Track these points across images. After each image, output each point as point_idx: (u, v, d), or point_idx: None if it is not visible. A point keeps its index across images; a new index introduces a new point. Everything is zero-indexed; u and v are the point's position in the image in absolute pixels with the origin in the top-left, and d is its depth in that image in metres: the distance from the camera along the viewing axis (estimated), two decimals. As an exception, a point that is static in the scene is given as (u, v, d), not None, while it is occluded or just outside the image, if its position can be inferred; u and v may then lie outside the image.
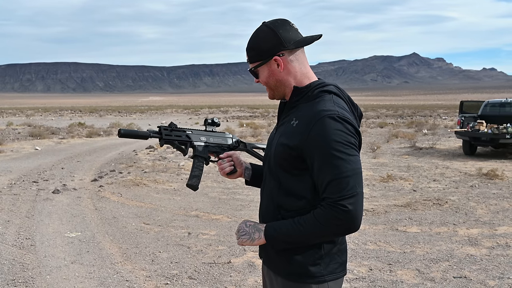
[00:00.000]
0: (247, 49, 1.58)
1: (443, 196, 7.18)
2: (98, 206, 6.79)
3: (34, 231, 5.49)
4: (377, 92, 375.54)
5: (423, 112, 48.72)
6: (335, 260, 1.53)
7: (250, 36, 1.59)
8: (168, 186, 8.25)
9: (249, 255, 4.61)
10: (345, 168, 1.39)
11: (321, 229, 1.41)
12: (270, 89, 1.60)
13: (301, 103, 1.53)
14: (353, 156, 1.41)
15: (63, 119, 37.14)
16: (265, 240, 1.51)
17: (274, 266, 1.59)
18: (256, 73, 1.59)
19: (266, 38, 1.53)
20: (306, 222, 1.43)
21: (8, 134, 19.88)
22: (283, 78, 1.56)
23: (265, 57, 1.54)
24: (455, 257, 4.48)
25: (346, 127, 1.42)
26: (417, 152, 13.03)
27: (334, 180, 1.39)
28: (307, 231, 1.43)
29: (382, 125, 25.60)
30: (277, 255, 1.55)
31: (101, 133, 20.51)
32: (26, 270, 4.25)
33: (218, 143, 1.78)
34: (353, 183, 1.38)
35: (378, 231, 5.40)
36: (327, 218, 1.39)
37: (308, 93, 1.52)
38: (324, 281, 1.51)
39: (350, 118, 1.46)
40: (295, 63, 1.55)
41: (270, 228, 1.50)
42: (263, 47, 1.53)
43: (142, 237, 5.27)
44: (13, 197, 7.33)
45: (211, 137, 1.76)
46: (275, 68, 1.55)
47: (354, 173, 1.40)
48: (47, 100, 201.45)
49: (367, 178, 8.86)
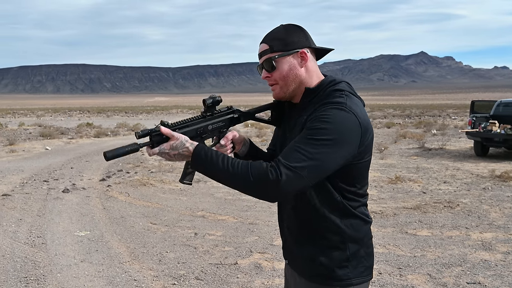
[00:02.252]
0: (269, 39, 1.52)
1: (454, 199, 7.08)
2: (106, 205, 6.82)
3: (45, 229, 5.53)
4: (383, 91, 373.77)
5: (432, 112, 48.40)
6: (362, 263, 1.51)
7: (270, 31, 1.55)
8: (174, 186, 8.27)
9: (256, 257, 4.59)
10: (309, 150, 1.33)
11: (245, 178, 1.33)
12: (283, 86, 1.53)
13: (313, 103, 1.50)
14: (327, 148, 1.34)
15: (72, 120, 37.41)
16: (191, 155, 1.43)
17: (299, 268, 1.57)
18: (274, 64, 1.51)
19: (294, 32, 1.52)
20: (237, 166, 1.35)
21: (20, 134, 20.10)
22: (302, 74, 1.52)
23: (292, 49, 1.50)
24: (468, 262, 4.39)
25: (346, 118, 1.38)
26: (426, 153, 12.91)
27: (291, 148, 1.35)
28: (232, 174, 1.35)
29: (390, 125, 25.44)
30: (302, 257, 1.53)
31: (109, 133, 20.65)
32: (38, 268, 4.28)
33: (218, 127, 1.63)
34: (303, 164, 1.32)
35: (387, 234, 5.35)
36: (260, 171, 1.32)
37: (320, 93, 1.50)
38: (350, 284, 1.48)
39: (358, 112, 1.41)
40: (313, 63, 1.55)
41: (202, 149, 1.42)
42: (290, 38, 1.50)
43: (149, 236, 5.28)
44: (25, 196, 7.40)
45: (210, 124, 1.60)
46: (298, 62, 1.51)
47: (312, 160, 1.32)
48: (57, 101, 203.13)
49: (374, 180, 8.80)
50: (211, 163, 1.38)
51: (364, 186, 1.53)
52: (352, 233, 1.49)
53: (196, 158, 1.42)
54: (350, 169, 1.44)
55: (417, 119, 32.87)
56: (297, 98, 1.56)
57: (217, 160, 1.38)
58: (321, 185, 1.45)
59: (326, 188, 1.46)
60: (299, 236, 1.55)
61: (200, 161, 1.41)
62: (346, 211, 1.48)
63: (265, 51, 1.52)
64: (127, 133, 21.92)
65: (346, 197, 1.48)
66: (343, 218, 1.48)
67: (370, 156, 1.50)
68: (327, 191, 1.46)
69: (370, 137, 1.45)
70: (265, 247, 4.87)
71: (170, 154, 1.44)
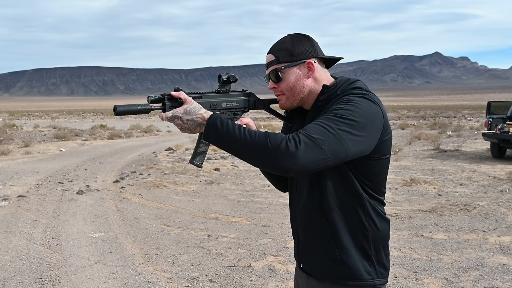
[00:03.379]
0: (276, 49, 1.51)
1: (471, 201, 6.96)
2: (120, 207, 6.85)
3: (60, 230, 5.58)
4: (397, 92, 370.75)
5: (447, 113, 47.84)
6: (383, 264, 1.50)
7: (277, 41, 1.54)
8: (187, 188, 8.28)
9: (270, 259, 4.56)
10: (332, 125, 1.29)
11: (263, 146, 1.26)
12: (290, 97, 1.51)
13: (331, 101, 1.47)
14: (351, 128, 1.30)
15: (86, 122, 37.83)
16: (205, 122, 1.36)
17: (318, 270, 1.52)
18: (280, 75, 1.50)
19: (301, 42, 1.50)
20: (255, 135, 1.29)
21: (35, 136, 20.39)
22: (309, 85, 1.50)
23: (298, 59, 1.49)
24: (486, 266, 4.30)
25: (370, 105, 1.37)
26: (442, 155, 12.74)
27: (313, 124, 1.32)
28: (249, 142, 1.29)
29: (404, 127, 25.20)
30: (323, 258, 1.49)
31: (122, 135, 20.81)
32: (53, 269, 4.31)
33: (232, 107, 1.55)
34: (325, 137, 1.27)
35: (402, 237, 5.28)
36: (277, 139, 1.26)
37: (337, 91, 1.47)
38: (374, 285, 1.47)
39: (380, 104, 1.41)
40: (321, 72, 1.53)
41: (218, 117, 1.36)
42: (297, 49, 1.49)
43: (162, 238, 5.28)
44: (40, 197, 7.47)
45: (224, 102, 1.53)
46: (305, 73, 1.50)
47: (334, 136, 1.28)
48: (71, 103, 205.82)
49: (389, 182, 8.71)
50: (227, 131, 1.31)
51: (384, 184, 1.52)
52: (375, 231, 1.47)
53: (211, 125, 1.34)
54: (373, 164, 1.42)
55: (432, 121, 32.52)
56: (308, 105, 1.54)
57: (233, 129, 1.31)
58: (346, 179, 1.42)
59: (351, 182, 1.43)
60: (319, 236, 1.49)
61: (215, 129, 1.33)
62: (370, 207, 1.46)
63: (271, 62, 1.51)
64: (140, 135, 22.08)
65: (369, 193, 1.46)
66: (367, 215, 1.45)
67: (390, 153, 1.48)
68: (352, 186, 1.43)
69: (390, 133, 1.45)
70: (279, 250, 4.83)
71: (183, 119, 1.38)
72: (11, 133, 21.36)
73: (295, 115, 1.62)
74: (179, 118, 1.38)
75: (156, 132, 23.85)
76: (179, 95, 1.41)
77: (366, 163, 1.41)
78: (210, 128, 1.35)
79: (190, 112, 1.38)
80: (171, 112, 1.39)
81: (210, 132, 1.35)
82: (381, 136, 1.39)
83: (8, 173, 9.81)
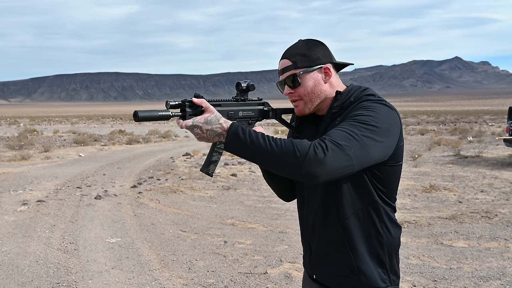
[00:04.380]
0: (292, 55, 1.50)
1: (492, 209, 6.79)
2: (137, 212, 6.90)
3: (78, 235, 5.63)
4: (417, 97, 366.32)
5: (467, 118, 47.04)
6: (396, 273, 1.50)
7: (291, 46, 1.53)
8: (204, 194, 8.29)
9: (286, 266, 4.52)
10: (356, 131, 1.30)
11: (291, 154, 1.24)
12: (308, 102, 1.51)
13: (344, 108, 1.48)
14: (373, 134, 1.31)
15: (105, 127, 38.36)
16: (225, 132, 1.32)
17: (334, 281, 1.50)
18: (298, 80, 1.48)
19: (316, 47, 1.51)
20: (280, 143, 1.26)
21: (54, 141, 20.75)
22: (326, 90, 1.51)
23: (315, 64, 1.49)
24: (507, 276, 4.18)
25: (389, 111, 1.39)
26: (462, 161, 12.50)
27: (337, 130, 1.31)
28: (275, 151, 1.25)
29: (423, 132, 24.84)
30: (340, 266, 1.47)
31: (140, 140, 21.02)
32: (70, 274, 4.35)
33: (247, 116, 1.53)
34: (350, 143, 1.27)
35: (421, 244, 5.17)
36: (305, 146, 1.24)
37: (351, 98, 1.47)
38: None
39: (397, 110, 1.44)
40: (336, 77, 1.54)
41: (239, 126, 1.32)
42: (313, 54, 1.49)
43: (179, 244, 5.29)
44: (59, 202, 7.58)
45: (241, 111, 1.51)
46: (321, 78, 1.50)
47: (359, 141, 1.28)
48: (91, 108, 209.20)
49: (408, 188, 8.57)
50: (252, 142, 1.27)
51: (396, 191, 1.52)
52: (389, 238, 1.46)
53: (233, 135, 1.30)
54: (388, 170, 1.43)
55: (452, 126, 31.99)
56: (322, 111, 1.54)
57: (256, 138, 1.28)
58: (361, 185, 1.42)
59: (366, 188, 1.42)
60: (335, 244, 1.47)
61: (238, 139, 1.29)
62: (384, 214, 1.45)
63: (287, 67, 1.49)
64: (158, 140, 22.28)
65: (383, 199, 1.45)
66: (381, 221, 1.45)
67: (402, 161, 1.49)
68: (368, 192, 1.43)
69: (402, 139, 1.46)
70: (295, 256, 4.78)
71: (203, 129, 1.33)
72: (31, 138, 21.78)
73: (302, 125, 1.60)
74: (198, 128, 1.34)
75: (174, 137, 24.04)
76: (201, 103, 1.36)
77: (382, 169, 1.41)
78: (232, 138, 1.31)
79: (211, 122, 1.34)
80: (191, 120, 1.34)
81: (232, 143, 1.31)
82: (399, 139, 1.42)
83: (28, 178, 9.99)
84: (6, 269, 4.45)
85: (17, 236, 5.57)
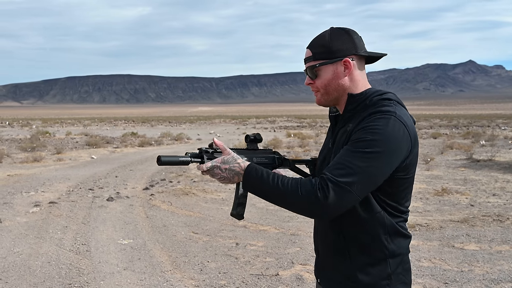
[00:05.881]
0: (313, 45, 1.49)
1: (504, 212, 6.74)
2: (149, 214, 6.96)
3: (90, 237, 5.70)
4: (430, 101, 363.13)
5: (480, 122, 46.50)
6: (400, 280, 1.46)
7: (318, 35, 1.51)
8: (216, 196, 8.33)
9: (298, 268, 4.53)
10: (357, 163, 1.30)
11: (294, 196, 1.32)
12: (324, 94, 1.50)
13: (358, 112, 1.45)
14: (376, 161, 1.31)
15: (117, 129, 38.67)
16: (242, 171, 1.42)
17: (334, 287, 1.51)
18: (316, 72, 1.48)
19: (341, 38, 1.46)
20: (287, 184, 1.34)
21: (67, 143, 20.96)
22: (345, 83, 1.47)
23: (335, 57, 1.45)
24: (519, 278, 4.17)
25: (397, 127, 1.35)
26: (475, 165, 12.38)
27: (338, 163, 1.33)
28: (282, 192, 1.34)
29: (436, 136, 24.62)
30: (339, 275, 1.48)
31: (153, 143, 21.16)
32: (82, 275, 4.41)
33: (261, 162, 1.62)
34: (352, 179, 1.29)
35: (432, 247, 5.15)
36: (308, 189, 1.31)
37: (366, 102, 1.44)
38: None
39: (407, 122, 1.38)
40: (359, 71, 1.49)
41: (253, 166, 1.42)
42: (335, 46, 1.45)
43: (191, 246, 5.33)
44: (71, 203, 7.67)
45: (254, 157, 1.60)
46: (341, 71, 1.46)
47: (361, 174, 1.30)
48: (103, 111, 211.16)
49: (420, 191, 8.52)
50: (262, 181, 1.38)
51: (406, 202, 1.48)
52: (393, 249, 1.44)
53: (248, 174, 1.41)
54: (394, 183, 1.40)
55: (465, 130, 31.67)
56: (341, 106, 1.52)
57: (267, 178, 1.37)
58: (365, 197, 1.40)
59: (368, 201, 1.41)
60: (335, 251, 1.49)
61: (251, 178, 1.40)
62: (388, 225, 1.43)
63: (308, 58, 1.50)
64: (171, 143, 22.41)
65: (388, 211, 1.43)
66: (386, 233, 1.43)
67: (414, 171, 1.46)
68: (370, 204, 1.41)
69: (416, 151, 1.42)
70: (307, 259, 4.79)
71: (221, 168, 1.43)
72: (44, 140, 22.04)
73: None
74: (217, 167, 1.43)
75: (186, 140, 24.16)
76: (219, 145, 1.47)
77: (388, 181, 1.38)
78: (247, 176, 1.41)
79: (228, 161, 1.43)
80: (210, 162, 1.44)
81: (247, 181, 1.41)
82: (409, 154, 1.39)
83: (40, 180, 10.13)
84: (18, 270, 4.52)
85: (29, 237, 5.65)
